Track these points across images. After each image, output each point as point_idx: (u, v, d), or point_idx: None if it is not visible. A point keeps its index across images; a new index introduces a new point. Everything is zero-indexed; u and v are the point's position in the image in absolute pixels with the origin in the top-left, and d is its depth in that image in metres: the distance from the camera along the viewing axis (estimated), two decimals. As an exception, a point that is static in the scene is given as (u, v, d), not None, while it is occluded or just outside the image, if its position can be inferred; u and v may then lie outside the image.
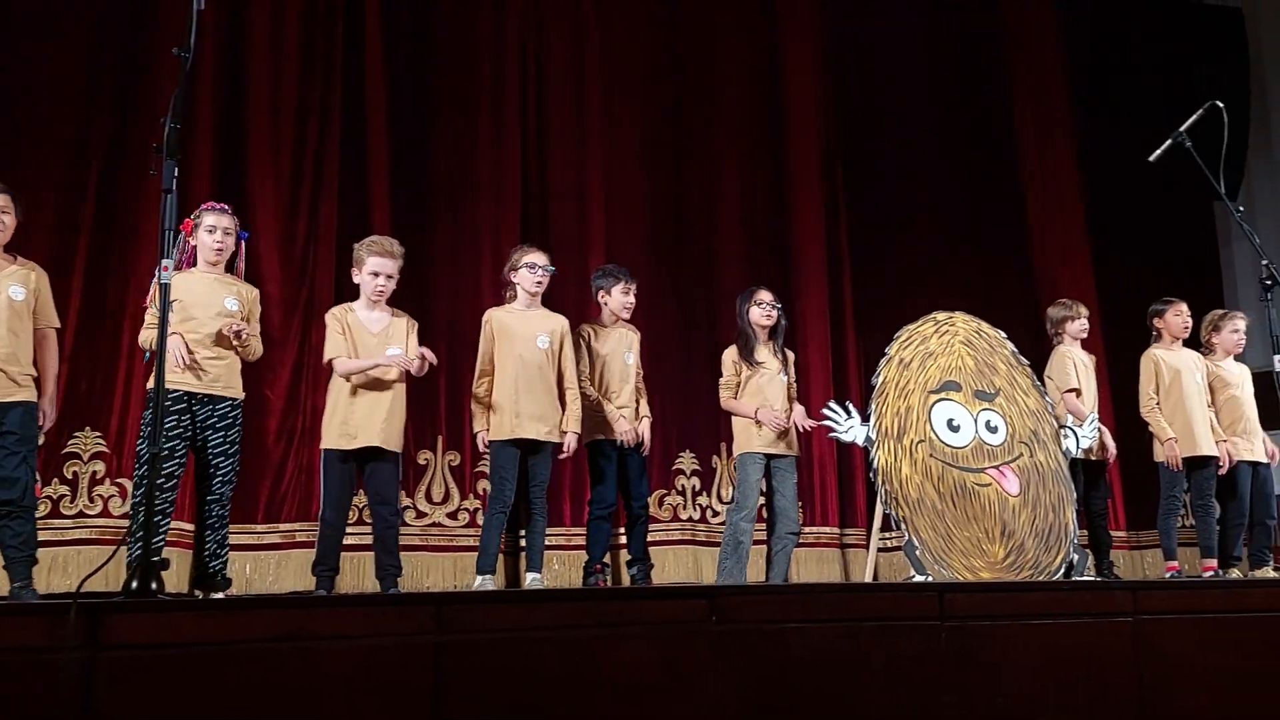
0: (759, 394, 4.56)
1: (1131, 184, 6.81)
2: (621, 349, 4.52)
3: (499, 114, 5.66)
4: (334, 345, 3.93)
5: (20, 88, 4.70)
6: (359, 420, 3.86)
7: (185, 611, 2.10)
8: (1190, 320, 5.25)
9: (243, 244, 3.86)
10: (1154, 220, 7.20)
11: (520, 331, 4.26)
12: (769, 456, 4.52)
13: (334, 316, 4.00)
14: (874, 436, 4.24)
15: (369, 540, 4.10)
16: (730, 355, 4.67)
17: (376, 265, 3.98)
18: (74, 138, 4.74)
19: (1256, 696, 2.95)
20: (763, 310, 4.64)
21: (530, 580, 4.19)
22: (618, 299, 4.55)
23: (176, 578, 4.30)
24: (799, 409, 4.62)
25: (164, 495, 3.53)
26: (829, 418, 4.39)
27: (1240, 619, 3.05)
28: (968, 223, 6.83)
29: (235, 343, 3.67)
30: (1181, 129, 4.30)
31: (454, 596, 2.57)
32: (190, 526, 4.39)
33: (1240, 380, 5.27)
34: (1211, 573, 5.00)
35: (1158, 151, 4.38)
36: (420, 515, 5.13)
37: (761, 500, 4.59)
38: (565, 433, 4.24)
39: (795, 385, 4.76)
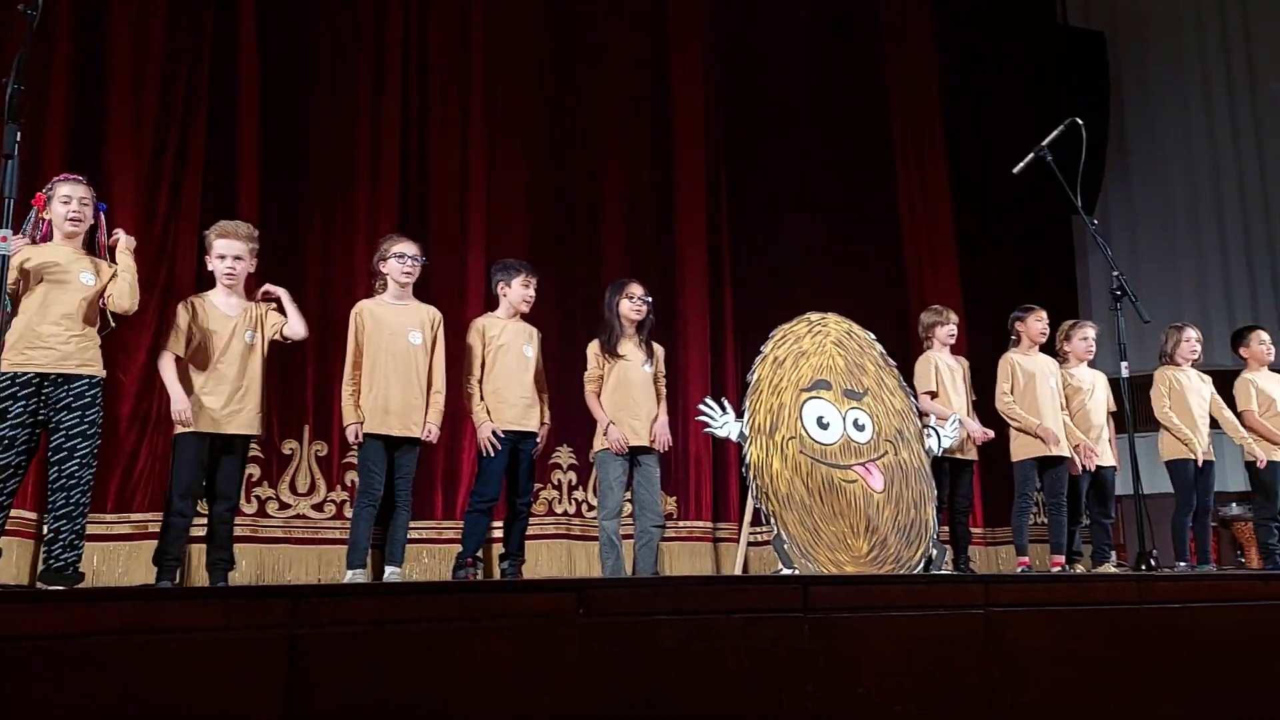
0: (621, 387, 4.52)
1: (997, 195, 7.13)
2: (520, 341, 4.43)
3: (379, 96, 5.51)
4: (172, 339, 3.85)
5: None
6: (215, 404, 3.77)
7: (18, 603, 1.97)
8: (1048, 327, 5.49)
9: (102, 216, 3.67)
10: (1017, 231, 7.55)
11: (391, 325, 4.16)
12: (632, 450, 4.50)
13: (183, 307, 3.90)
14: (747, 432, 4.30)
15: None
16: (593, 348, 4.61)
17: (223, 247, 3.91)
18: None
19: (1099, 686, 3.11)
20: (633, 304, 4.61)
21: (389, 574, 4.09)
22: (517, 292, 4.47)
23: (16, 569, 4.05)
24: (662, 428, 4.57)
25: (5, 487, 3.37)
26: (705, 413, 4.42)
27: (1085, 611, 3.20)
28: (843, 227, 7.03)
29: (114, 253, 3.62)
30: (1044, 143, 4.51)
31: (310, 589, 2.49)
32: (33, 515, 4.15)
33: (1091, 386, 5.54)
34: (1059, 568, 5.25)
35: (1021, 164, 4.59)
36: (284, 507, 4.95)
37: (628, 495, 4.58)
38: (427, 425, 4.17)
39: (664, 379, 4.73)
